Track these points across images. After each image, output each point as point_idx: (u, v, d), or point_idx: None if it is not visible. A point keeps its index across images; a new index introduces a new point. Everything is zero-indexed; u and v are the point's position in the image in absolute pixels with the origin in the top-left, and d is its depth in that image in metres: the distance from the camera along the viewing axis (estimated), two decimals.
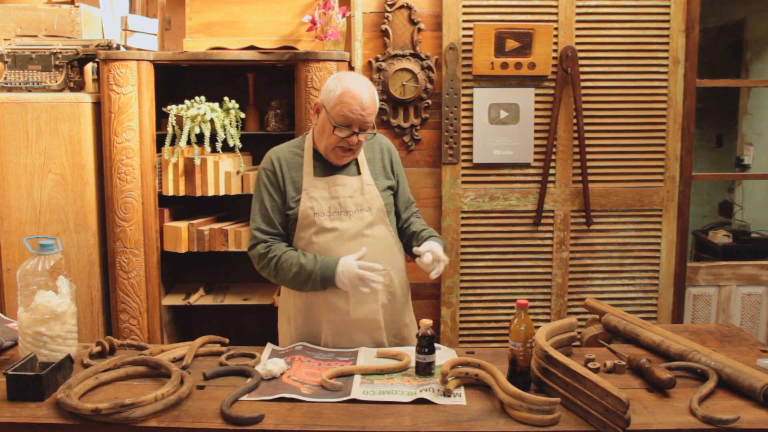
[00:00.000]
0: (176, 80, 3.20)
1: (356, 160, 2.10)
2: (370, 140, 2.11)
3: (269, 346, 1.96)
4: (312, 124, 2.24)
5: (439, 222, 3.21)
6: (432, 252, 1.95)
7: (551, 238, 3.24)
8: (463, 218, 3.20)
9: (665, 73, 3.16)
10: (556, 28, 3.11)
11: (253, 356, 1.86)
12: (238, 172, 2.94)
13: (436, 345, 1.83)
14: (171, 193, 2.90)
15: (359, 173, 2.08)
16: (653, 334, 1.90)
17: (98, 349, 1.85)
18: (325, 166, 2.06)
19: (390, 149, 2.19)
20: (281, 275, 2.00)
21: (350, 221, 2.02)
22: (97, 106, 2.84)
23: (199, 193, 2.90)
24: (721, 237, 4.29)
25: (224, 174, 2.92)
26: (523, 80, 3.16)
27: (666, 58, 3.15)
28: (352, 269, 1.91)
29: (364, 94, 1.95)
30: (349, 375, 1.74)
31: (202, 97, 2.89)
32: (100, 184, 2.86)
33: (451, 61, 3.13)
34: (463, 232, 3.21)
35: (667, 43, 3.14)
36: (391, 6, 3.10)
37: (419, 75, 3.13)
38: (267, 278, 2.06)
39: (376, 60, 3.13)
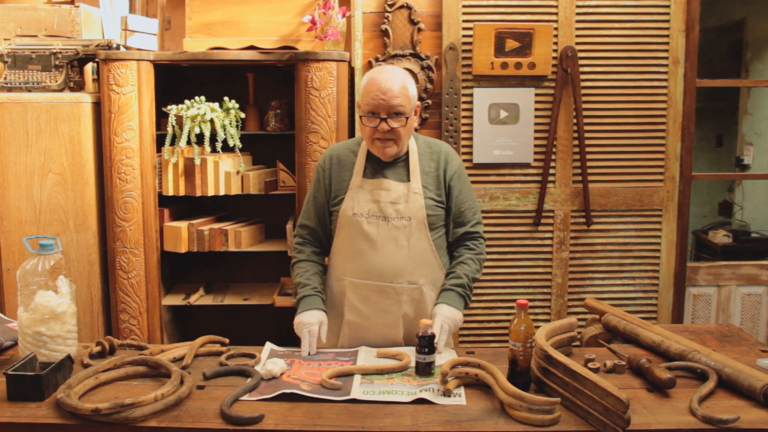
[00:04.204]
0: (176, 80, 3.20)
1: (408, 166, 2.04)
2: (431, 148, 2.08)
3: (269, 346, 1.96)
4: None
5: None
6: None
7: (551, 238, 3.24)
8: None
9: (665, 73, 3.16)
10: (556, 28, 3.11)
11: (253, 356, 1.86)
12: (238, 172, 2.94)
13: (435, 345, 1.83)
14: (171, 193, 2.90)
15: (409, 180, 2.03)
16: (653, 334, 1.90)
17: (98, 349, 1.85)
18: (376, 168, 2.04)
19: (448, 159, 2.07)
20: (293, 279, 2.12)
21: (387, 228, 1.99)
22: (97, 106, 2.84)
23: (199, 193, 2.90)
24: (721, 237, 4.29)
25: (224, 174, 2.92)
26: (523, 80, 3.16)
27: (666, 58, 3.15)
28: (304, 323, 1.95)
29: (384, 79, 1.93)
30: (349, 375, 1.74)
31: (202, 97, 2.89)
32: (100, 184, 2.86)
33: (451, 61, 3.13)
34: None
35: (667, 43, 3.14)
36: (391, 6, 3.10)
37: (419, 75, 3.13)
38: None
39: (376, 60, 3.13)
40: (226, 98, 2.90)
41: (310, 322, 1.95)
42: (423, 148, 2.09)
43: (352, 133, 3.04)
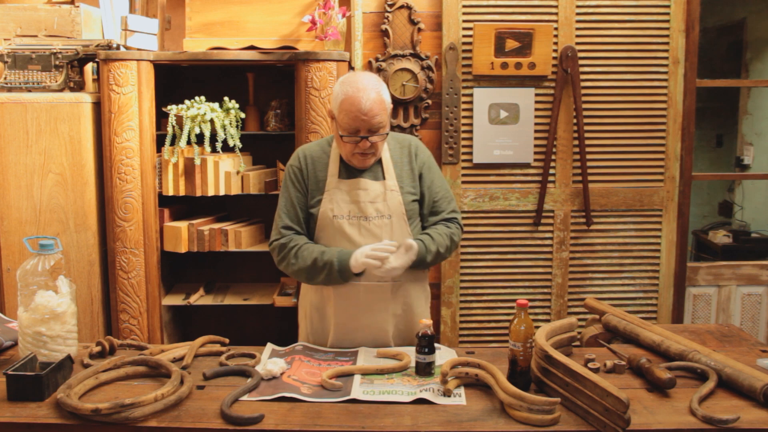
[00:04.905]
0: (176, 80, 3.20)
1: (381, 163, 2.05)
2: (400, 143, 2.09)
3: (269, 346, 1.96)
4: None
5: None
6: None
7: (551, 238, 3.24)
8: (463, 218, 3.19)
9: (665, 73, 3.16)
10: (556, 28, 3.11)
11: (253, 356, 1.86)
12: (238, 172, 2.94)
13: (436, 345, 1.83)
14: (171, 193, 2.90)
15: (384, 178, 2.03)
16: (653, 334, 1.90)
17: (98, 349, 1.85)
18: (350, 168, 2.04)
19: (417, 151, 2.10)
20: (300, 262, 1.97)
21: (368, 227, 1.99)
22: (97, 106, 2.84)
23: (199, 193, 2.90)
24: (721, 237, 4.29)
25: (224, 174, 2.92)
26: (523, 80, 3.16)
27: (666, 58, 3.15)
28: (364, 249, 1.89)
29: (364, 98, 1.90)
30: (349, 375, 1.74)
31: (202, 97, 2.89)
32: (100, 184, 2.86)
33: (451, 61, 3.13)
34: (463, 232, 3.21)
35: (667, 43, 3.14)
36: (391, 6, 3.10)
37: (419, 75, 3.13)
38: (284, 271, 2.05)
39: (376, 60, 3.13)
40: (226, 98, 2.90)
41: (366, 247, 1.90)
42: (393, 144, 2.10)
43: None
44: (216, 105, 2.88)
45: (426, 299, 2.16)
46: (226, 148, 2.91)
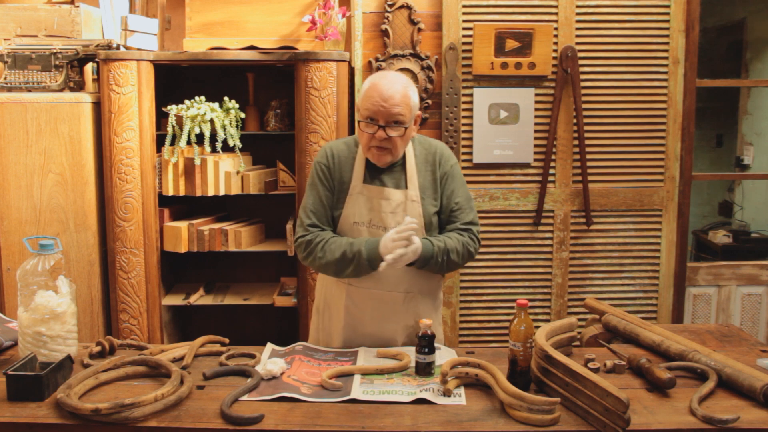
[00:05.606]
0: (176, 80, 3.20)
1: (405, 170, 2.02)
2: (426, 149, 2.05)
3: (269, 346, 1.96)
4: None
5: None
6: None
7: (551, 238, 3.24)
8: None
9: (665, 73, 3.16)
10: (556, 28, 3.11)
11: (253, 356, 1.86)
12: (238, 172, 2.94)
13: (436, 345, 1.83)
14: (171, 193, 2.90)
15: (406, 186, 2.00)
16: (653, 334, 1.90)
17: (98, 349, 1.85)
18: (374, 172, 2.01)
19: (441, 160, 2.05)
20: (328, 256, 1.94)
21: None
22: (97, 106, 2.84)
23: (199, 193, 2.90)
24: (721, 237, 4.29)
25: (224, 174, 2.92)
26: (523, 80, 3.16)
27: (666, 58, 3.15)
28: (390, 234, 1.86)
29: (386, 86, 1.90)
30: (349, 375, 1.74)
31: (202, 97, 2.89)
32: (100, 184, 2.87)
33: (451, 61, 3.13)
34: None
35: (667, 43, 3.14)
36: (391, 6, 3.10)
37: (419, 75, 3.13)
38: (309, 266, 2.02)
39: (376, 60, 3.13)
40: (226, 98, 2.90)
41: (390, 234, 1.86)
42: (419, 150, 2.06)
43: (351, 134, 3.04)
44: (216, 105, 2.88)
45: (437, 311, 2.14)
46: (226, 148, 2.91)
